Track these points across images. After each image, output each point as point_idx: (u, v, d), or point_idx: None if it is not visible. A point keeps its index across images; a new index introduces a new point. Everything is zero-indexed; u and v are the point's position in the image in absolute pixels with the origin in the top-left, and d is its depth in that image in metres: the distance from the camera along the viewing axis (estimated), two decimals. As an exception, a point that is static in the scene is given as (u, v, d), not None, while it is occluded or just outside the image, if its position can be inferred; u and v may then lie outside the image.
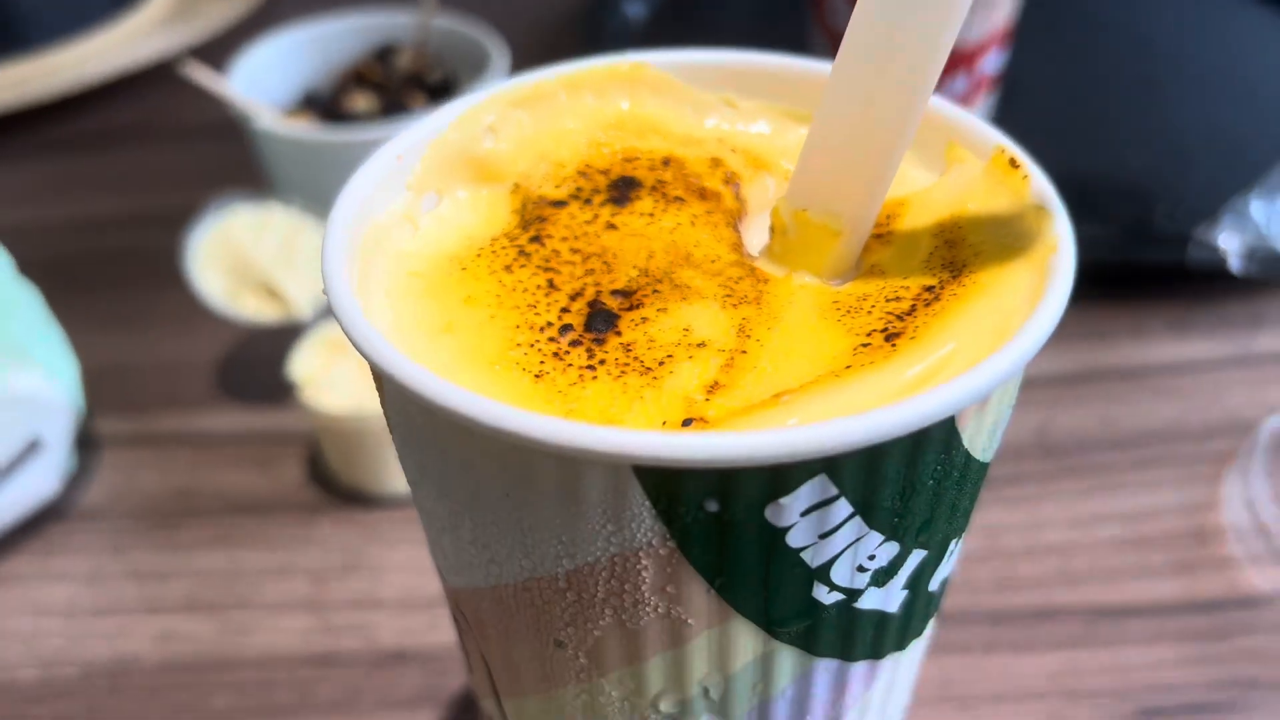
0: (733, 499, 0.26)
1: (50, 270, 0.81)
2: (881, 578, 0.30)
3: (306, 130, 0.72)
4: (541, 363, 0.30)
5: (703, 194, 0.36)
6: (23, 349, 0.60)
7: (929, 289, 0.31)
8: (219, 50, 1.06)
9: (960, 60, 0.83)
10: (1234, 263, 0.69)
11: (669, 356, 0.30)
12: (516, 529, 0.29)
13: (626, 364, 0.30)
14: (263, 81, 0.79)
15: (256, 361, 0.72)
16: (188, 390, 0.71)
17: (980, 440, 0.29)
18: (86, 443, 0.67)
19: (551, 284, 0.33)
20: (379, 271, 0.33)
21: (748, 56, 0.39)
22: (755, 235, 0.37)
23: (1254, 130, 0.89)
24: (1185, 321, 0.73)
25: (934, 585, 0.33)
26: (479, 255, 0.34)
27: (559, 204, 0.36)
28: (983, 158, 0.34)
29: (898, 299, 0.31)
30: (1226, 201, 0.75)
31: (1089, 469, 0.64)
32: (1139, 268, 0.74)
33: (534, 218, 0.35)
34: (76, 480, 0.64)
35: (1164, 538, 0.60)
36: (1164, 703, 0.52)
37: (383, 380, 0.29)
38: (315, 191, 0.75)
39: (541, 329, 0.31)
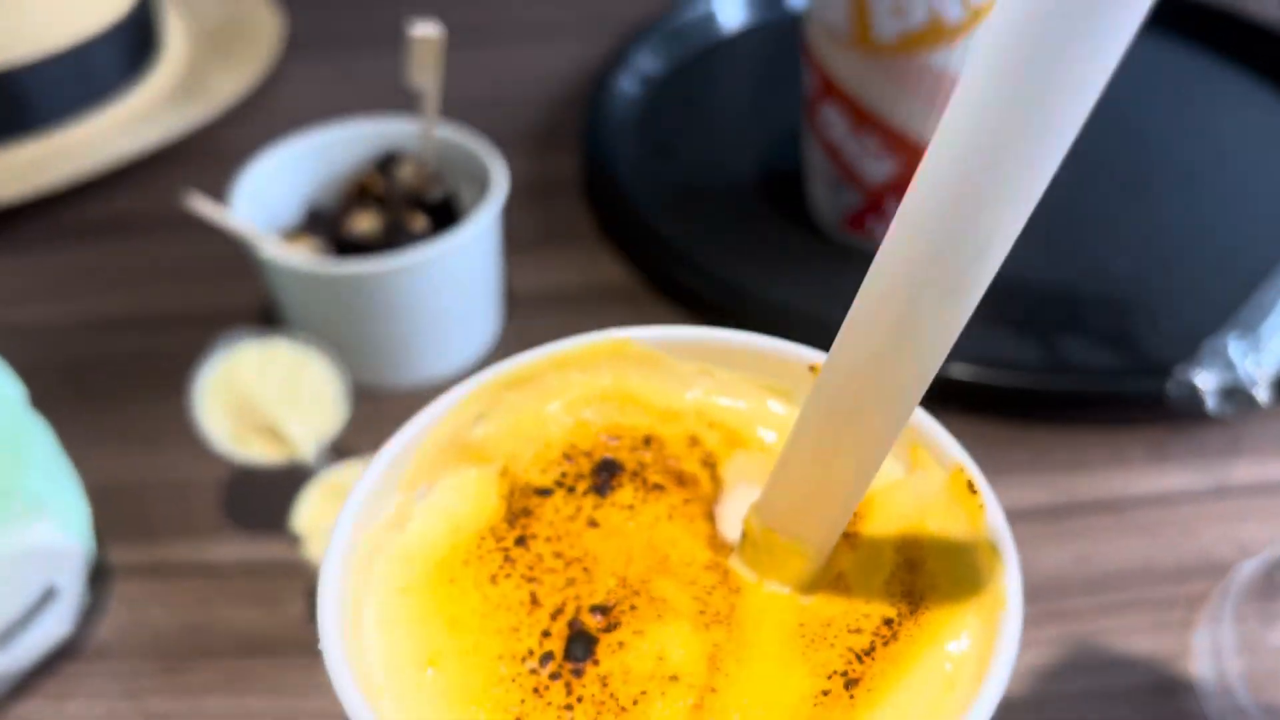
0: None
1: (61, 376, 0.84)
2: None
3: (308, 261, 0.74)
4: (522, 701, 0.32)
5: (680, 479, 0.39)
6: (38, 499, 0.63)
7: (888, 622, 0.34)
8: (230, 127, 1.08)
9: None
10: (1210, 402, 0.70)
11: (643, 694, 0.32)
12: None
13: (603, 703, 0.32)
14: (266, 196, 0.80)
15: (264, 484, 0.74)
16: (196, 516, 0.73)
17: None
18: (98, 572, 0.69)
19: (534, 599, 0.35)
20: (373, 593, 0.35)
21: (728, 335, 0.41)
22: (732, 511, 0.39)
23: (1245, 230, 0.91)
24: (1164, 449, 0.75)
25: None
26: (465, 563, 0.36)
27: (544, 492, 0.38)
28: (944, 468, 0.36)
29: (859, 630, 0.34)
30: (1210, 322, 0.76)
31: (1063, 614, 0.66)
32: (1121, 398, 0.76)
33: (520, 510, 0.38)
34: (89, 614, 0.67)
35: (1132, 692, 0.62)
36: None
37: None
38: (319, 314, 0.77)
39: (523, 659, 0.33)
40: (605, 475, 0.39)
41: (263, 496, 0.73)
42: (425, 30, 0.75)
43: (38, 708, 0.63)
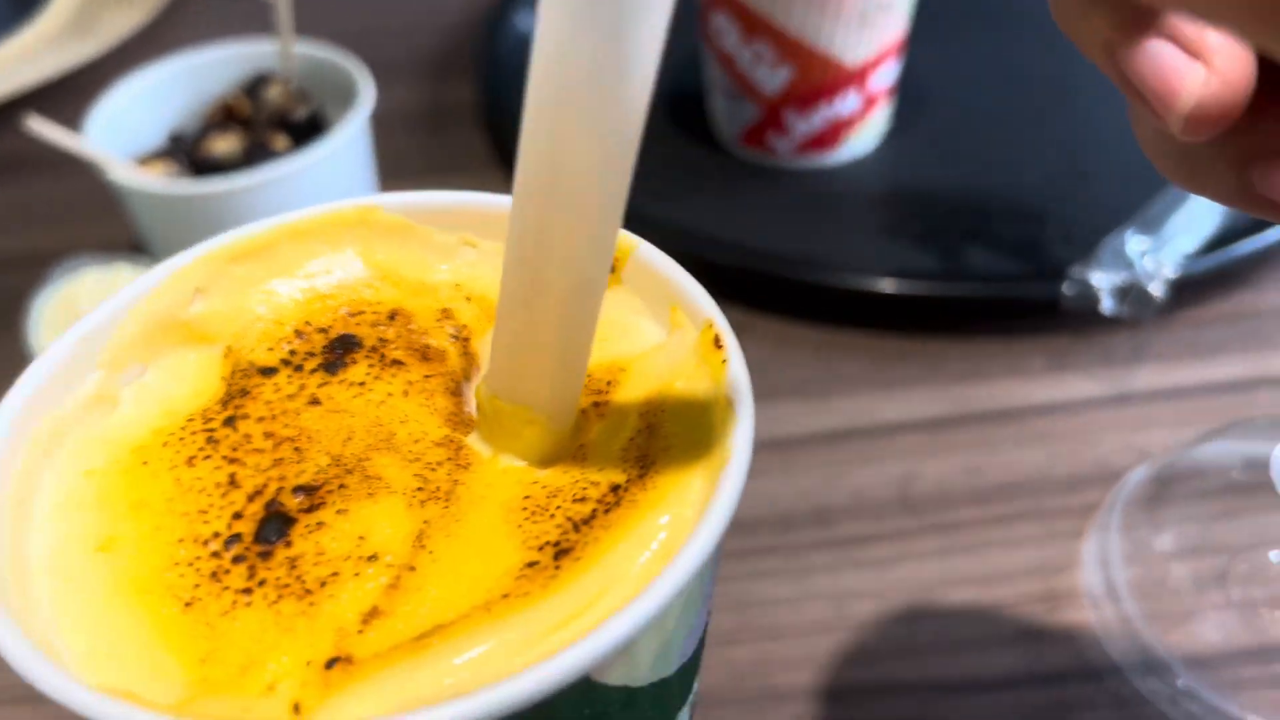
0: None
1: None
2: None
3: (157, 182, 0.70)
4: (196, 586, 0.29)
5: (425, 354, 0.35)
6: None
7: (614, 489, 0.30)
8: (116, 67, 1.04)
9: (850, 78, 0.80)
10: (1106, 302, 0.67)
11: (334, 575, 0.29)
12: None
13: (287, 585, 0.29)
14: (126, 122, 0.76)
15: None
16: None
17: (641, 671, 0.28)
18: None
19: (233, 480, 0.31)
20: (53, 475, 0.31)
21: (490, 198, 0.37)
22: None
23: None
24: (1065, 357, 0.71)
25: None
26: (165, 444, 0.32)
27: (268, 371, 0.35)
28: (697, 327, 0.33)
29: (583, 499, 0.30)
30: (1114, 227, 0.73)
31: (950, 526, 0.62)
32: (1018, 304, 0.72)
33: (238, 390, 0.34)
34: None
35: (1016, 603, 0.59)
36: (994, 790, 0.51)
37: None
38: (176, 241, 0.73)
39: (206, 541, 0.30)
40: (339, 352, 0.35)
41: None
42: (266, -70, 0.70)
43: None
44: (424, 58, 1.05)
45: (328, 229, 0.37)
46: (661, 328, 0.35)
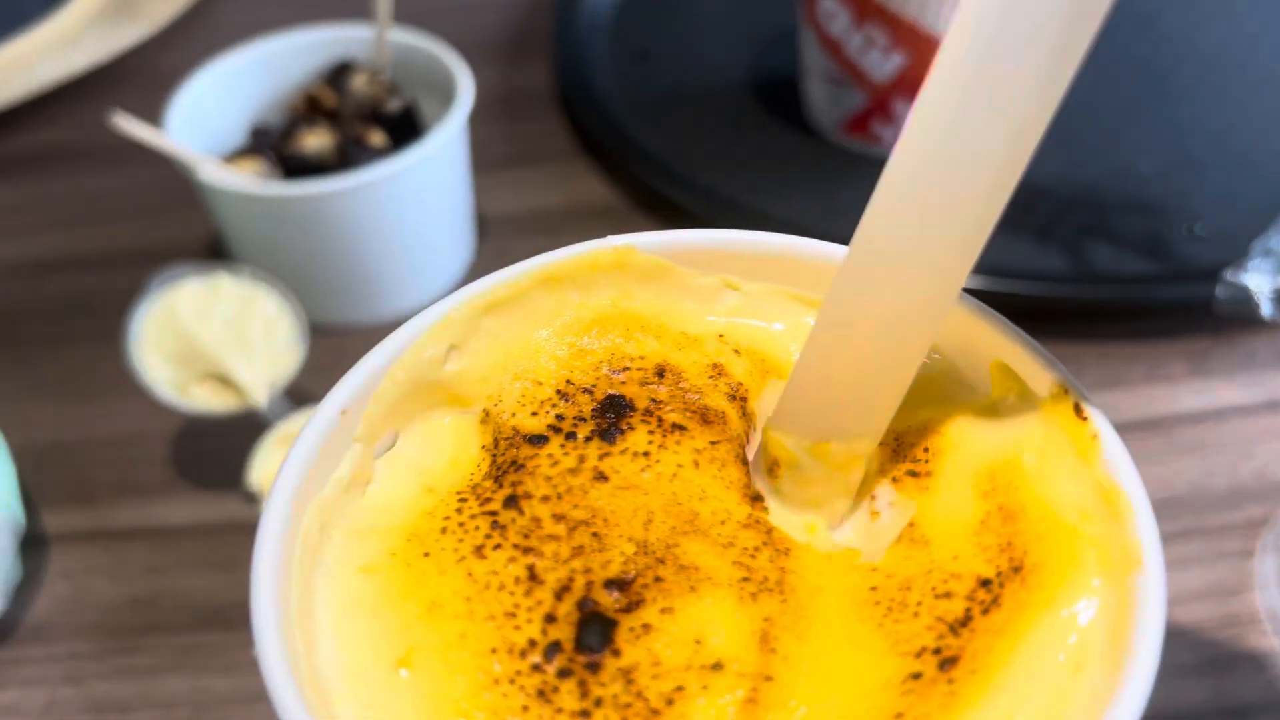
0: None
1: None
2: None
3: (251, 183, 0.65)
4: (525, 708, 0.25)
5: (705, 416, 0.31)
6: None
7: (984, 584, 0.27)
8: (166, 49, 0.99)
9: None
10: (1266, 307, 0.63)
11: (679, 689, 0.25)
12: None
13: (628, 705, 0.25)
14: (205, 115, 0.71)
15: (215, 436, 0.66)
16: (140, 473, 0.66)
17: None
18: (31, 541, 0.62)
19: (532, 573, 0.28)
20: (324, 577, 0.28)
21: (755, 237, 0.33)
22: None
23: (1276, 121, 0.83)
24: (1207, 361, 0.68)
25: None
26: (444, 530, 0.29)
27: (537, 440, 0.31)
28: (1039, 390, 0.29)
29: (948, 595, 0.27)
30: (1250, 221, 0.69)
31: (1112, 546, 0.59)
32: (1163, 306, 0.69)
33: (509, 463, 0.30)
34: (22, 590, 0.60)
35: (1193, 629, 0.56)
36: (1201, 835, 0.49)
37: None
38: (267, 243, 0.69)
39: (523, 652, 0.26)
40: (612, 416, 0.31)
41: (215, 451, 0.65)
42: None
43: (-34, 699, 0.56)
44: (494, 38, 1.01)
45: (583, 273, 0.33)
46: (976, 388, 0.31)
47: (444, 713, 0.25)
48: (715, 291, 0.34)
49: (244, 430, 0.61)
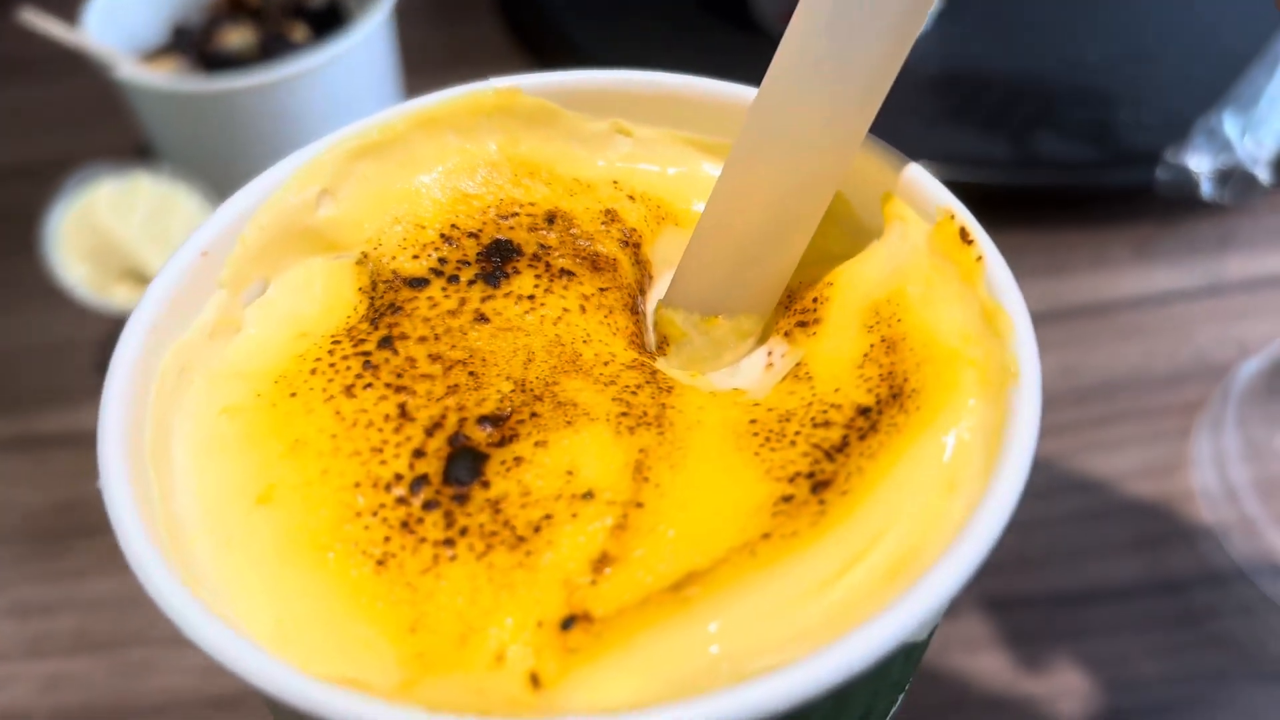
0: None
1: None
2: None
3: (171, 80, 0.63)
4: (386, 539, 0.24)
5: (595, 263, 0.30)
6: None
7: (863, 411, 0.26)
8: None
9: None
10: (1205, 187, 0.63)
11: (547, 517, 0.24)
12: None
13: (494, 533, 0.24)
14: (125, 14, 0.69)
15: None
16: (67, 380, 0.64)
17: (926, 629, 0.24)
18: (-44, 449, 0.61)
19: (404, 411, 0.27)
20: (185, 418, 0.27)
21: (644, 76, 0.32)
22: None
23: (1227, 11, 0.82)
24: (1150, 246, 0.68)
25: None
26: (314, 371, 0.28)
27: (418, 283, 0.30)
28: (927, 220, 0.28)
29: (826, 423, 0.26)
30: (1196, 109, 0.68)
31: (1051, 430, 0.59)
32: (1105, 191, 0.68)
33: (386, 306, 0.29)
34: (-53, 496, 0.59)
35: (1128, 508, 0.56)
36: (1127, 704, 0.49)
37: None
38: (190, 142, 0.67)
39: (389, 485, 0.25)
40: (498, 260, 0.30)
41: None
42: None
43: (-113, 604, 0.55)
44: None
45: (463, 116, 0.32)
46: (861, 233, 0.30)
47: (302, 546, 0.24)
48: (607, 137, 0.33)
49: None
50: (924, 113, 0.75)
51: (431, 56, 0.82)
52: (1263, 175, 0.62)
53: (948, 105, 0.75)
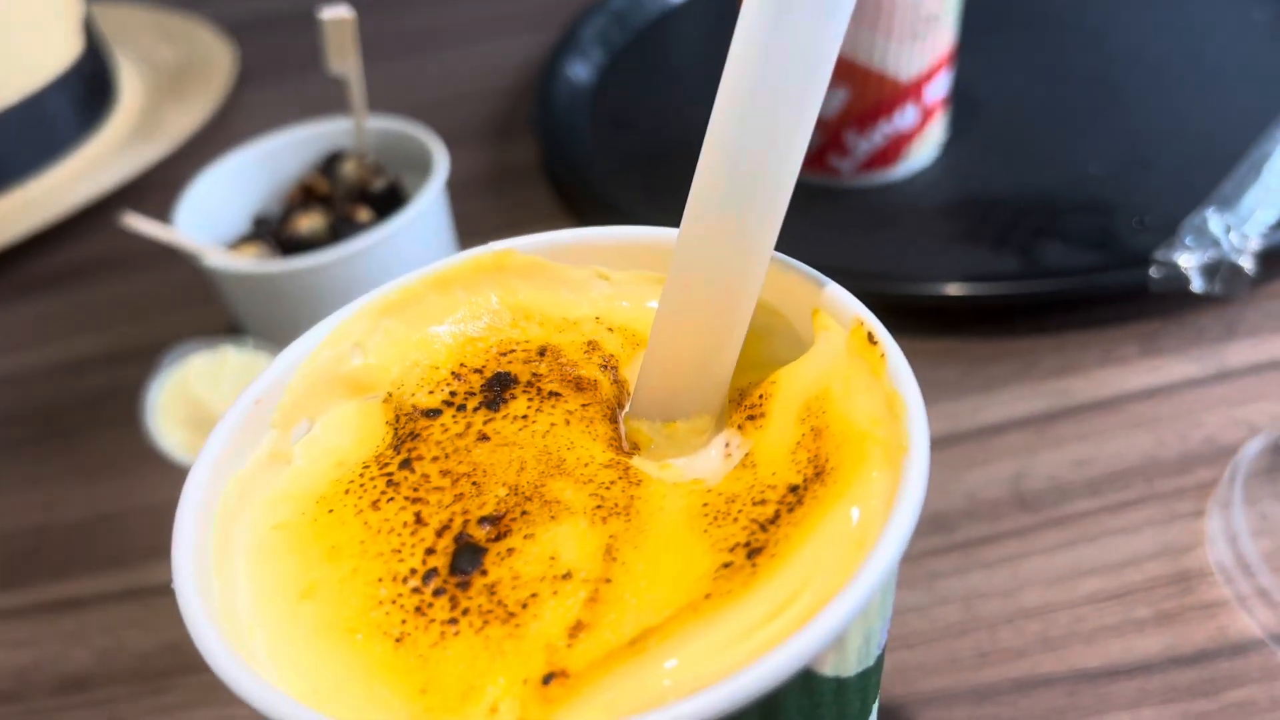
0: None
1: (34, 420, 0.83)
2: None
3: (253, 264, 0.72)
4: (403, 622, 0.30)
5: (579, 384, 0.36)
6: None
7: (793, 489, 0.31)
8: (187, 160, 1.08)
9: (907, 92, 0.81)
10: (1196, 282, 0.67)
11: (533, 595, 0.30)
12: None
13: (490, 611, 0.30)
14: (211, 212, 0.79)
15: None
16: (169, 536, 0.71)
17: (849, 662, 0.29)
18: (74, 603, 0.68)
19: (419, 518, 0.32)
20: (242, 533, 0.33)
21: (616, 231, 0.39)
22: (638, 412, 0.36)
23: (1220, 120, 0.87)
24: (1156, 341, 0.71)
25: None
26: (347, 491, 0.34)
27: (432, 413, 0.36)
28: (845, 327, 0.34)
29: (763, 501, 0.31)
30: (1193, 210, 0.73)
31: (1068, 519, 0.62)
32: (1106, 293, 0.72)
33: (407, 434, 0.35)
34: (68, 647, 0.65)
35: (1147, 586, 0.58)
36: (1153, 773, 0.51)
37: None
38: (272, 320, 0.75)
39: (405, 579, 0.31)
40: (498, 389, 0.36)
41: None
42: (335, 12, 0.73)
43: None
44: (484, 123, 1.08)
45: (468, 276, 0.38)
46: (803, 335, 0.36)
47: (336, 630, 0.30)
48: (589, 281, 0.39)
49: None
50: (938, 235, 0.81)
51: (486, 224, 0.91)
52: (1248, 267, 0.66)
53: (958, 229, 0.80)
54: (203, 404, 0.66)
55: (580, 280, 0.39)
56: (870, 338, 0.32)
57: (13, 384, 0.88)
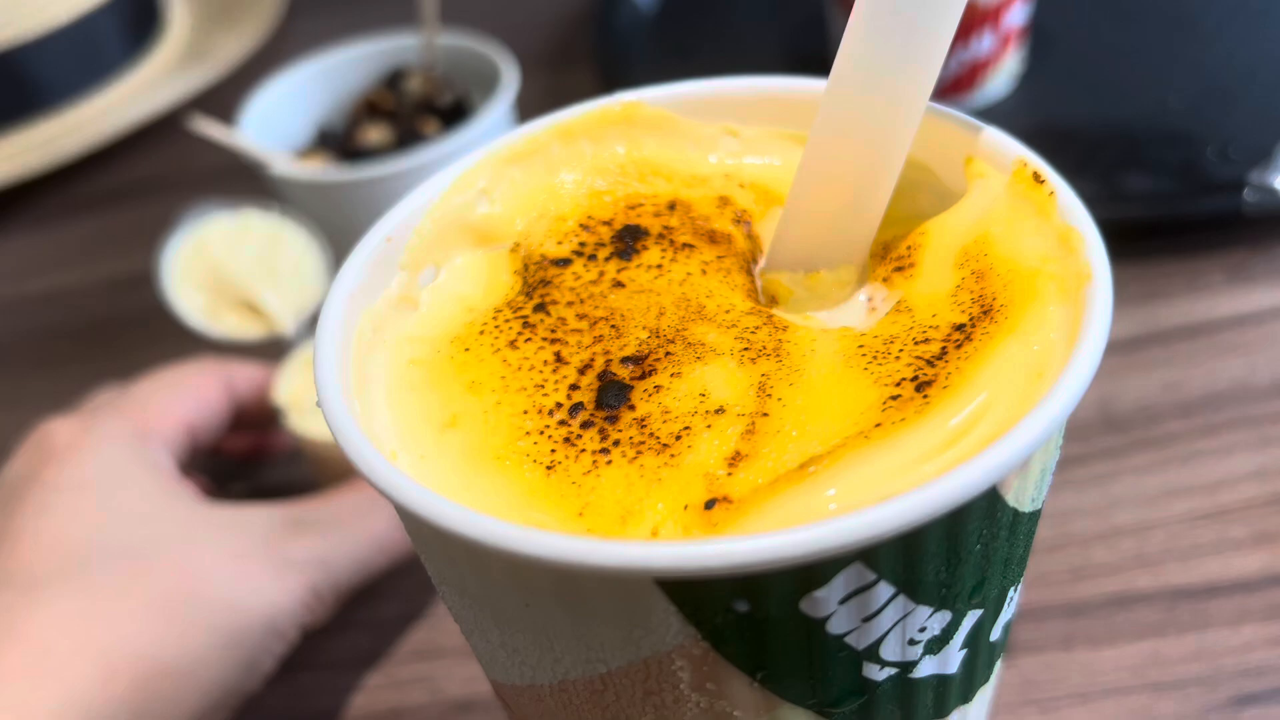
0: (763, 598, 0.24)
1: (84, 336, 0.82)
2: (936, 646, 0.28)
3: (320, 172, 0.71)
4: (553, 451, 0.29)
5: (712, 237, 0.35)
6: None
7: (959, 328, 0.29)
8: (236, 87, 1.06)
9: (985, 17, 0.79)
10: (1294, 204, 0.65)
11: (686, 429, 0.28)
12: (542, 636, 0.27)
13: (642, 442, 0.28)
14: (275, 123, 0.78)
15: (244, 359, 0.70)
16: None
17: (1027, 494, 0.28)
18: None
19: (559, 357, 0.31)
20: (378, 366, 0.32)
21: (746, 83, 0.37)
22: (772, 271, 0.35)
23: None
24: (1245, 270, 0.69)
25: (995, 635, 0.31)
26: (482, 332, 0.32)
27: (562, 262, 0.34)
28: (1004, 172, 0.32)
29: (926, 340, 0.30)
30: (1273, 145, 0.71)
31: (1158, 441, 0.61)
32: (1194, 219, 0.70)
33: (537, 281, 0.34)
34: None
35: (1242, 507, 0.57)
36: (1257, 688, 0.49)
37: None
38: (338, 230, 0.74)
39: (551, 411, 0.30)
40: (629, 240, 0.35)
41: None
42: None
43: None
44: (543, 49, 1.07)
45: (594, 127, 0.37)
46: (948, 196, 0.34)
47: (485, 458, 0.29)
48: (717, 138, 0.38)
49: (271, 354, 0.65)
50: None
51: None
52: (1348, 188, 0.64)
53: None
54: (222, 268, 0.64)
55: (709, 136, 0.38)
56: (1036, 177, 0.31)
57: (62, 301, 0.87)
